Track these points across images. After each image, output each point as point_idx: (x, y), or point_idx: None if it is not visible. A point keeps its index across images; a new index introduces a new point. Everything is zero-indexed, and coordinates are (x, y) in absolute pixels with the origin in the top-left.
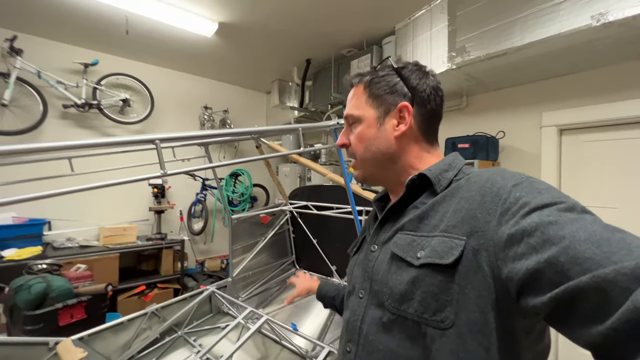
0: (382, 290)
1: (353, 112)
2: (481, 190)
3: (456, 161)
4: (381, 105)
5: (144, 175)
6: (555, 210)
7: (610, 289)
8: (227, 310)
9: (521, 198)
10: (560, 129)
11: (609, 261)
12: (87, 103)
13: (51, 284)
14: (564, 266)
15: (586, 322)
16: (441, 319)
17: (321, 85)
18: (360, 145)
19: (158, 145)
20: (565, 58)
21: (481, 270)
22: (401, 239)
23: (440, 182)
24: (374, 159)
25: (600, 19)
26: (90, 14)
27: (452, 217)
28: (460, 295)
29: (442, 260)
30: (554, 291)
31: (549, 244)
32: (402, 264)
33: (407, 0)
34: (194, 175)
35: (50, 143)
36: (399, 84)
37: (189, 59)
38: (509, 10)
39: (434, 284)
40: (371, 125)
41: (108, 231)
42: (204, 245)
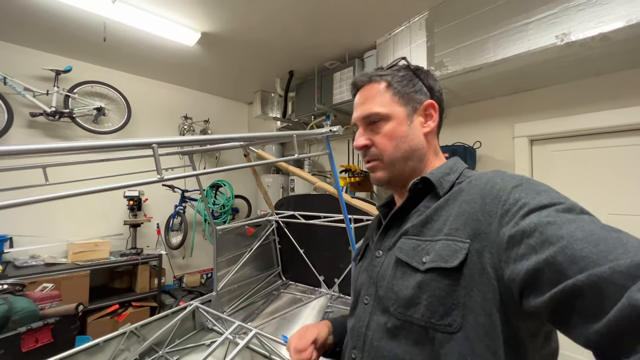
0: (388, 296)
1: (379, 110)
2: (482, 193)
3: (457, 165)
4: (409, 103)
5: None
6: (553, 211)
7: (606, 287)
8: (211, 326)
9: (521, 199)
10: (531, 139)
11: (605, 260)
12: (57, 111)
13: (13, 306)
14: (561, 265)
15: (584, 321)
16: (449, 322)
17: (304, 97)
18: (391, 144)
19: (155, 149)
20: (535, 73)
21: (486, 273)
22: (405, 244)
23: (442, 185)
24: (405, 158)
25: (564, 38)
26: (64, 20)
27: (455, 221)
28: (466, 299)
29: (447, 264)
30: (552, 290)
31: (547, 244)
32: (407, 269)
33: (387, 16)
34: (172, 187)
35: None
36: (418, 83)
37: (169, 68)
38: (483, 28)
39: (440, 288)
40: (402, 123)
41: (77, 247)
42: (183, 259)
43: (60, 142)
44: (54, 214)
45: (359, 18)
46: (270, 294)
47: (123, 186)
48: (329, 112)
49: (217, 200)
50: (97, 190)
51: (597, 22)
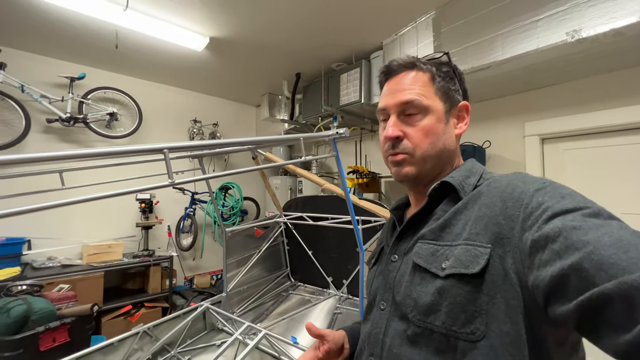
0: (406, 302)
1: (421, 99)
2: (502, 196)
3: (476, 167)
4: (448, 101)
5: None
6: (579, 216)
7: (637, 295)
8: (221, 327)
9: (544, 203)
10: (542, 138)
11: (636, 267)
12: (72, 117)
13: (32, 306)
14: (588, 272)
15: (613, 331)
16: (471, 330)
17: (311, 98)
18: (427, 140)
19: (166, 155)
20: (545, 71)
21: (509, 279)
22: (423, 248)
23: (464, 189)
24: (438, 156)
25: (574, 35)
26: (78, 29)
27: (475, 225)
28: (489, 306)
29: (468, 270)
30: (579, 298)
31: (572, 249)
32: (426, 275)
33: (393, 17)
34: (182, 189)
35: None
36: (457, 83)
37: (179, 72)
38: (491, 27)
39: (461, 294)
40: (440, 120)
41: (92, 249)
42: (193, 261)
43: (76, 149)
44: (69, 217)
45: (365, 19)
46: (279, 295)
47: (135, 190)
48: (336, 114)
49: (226, 202)
50: (110, 195)
51: (609, 18)
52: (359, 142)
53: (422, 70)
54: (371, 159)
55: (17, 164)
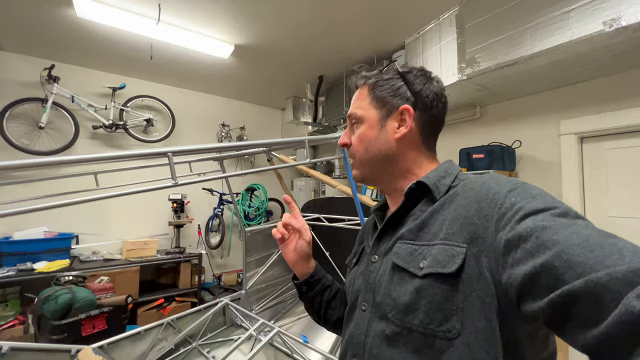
0: (385, 302)
1: (356, 111)
2: (477, 197)
3: (452, 168)
4: (384, 107)
5: (156, 185)
6: (549, 215)
7: (603, 293)
8: (240, 323)
9: (516, 203)
10: (581, 136)
11: (602, 265)
12: (114, 124)
13: (76, 295)
14: (558, 270)
15: (581, 327)
16: (448, 328)
17: (334, 100)
18: (361, 146)
19: (170, 158)
20: (581, 64)
21: (483, 277)
22: (401, 248)
23: (438, 189)
24: (373, 160)
25: (612, 24)
26: (119, 43)
27: (451, 225)
28: (465, 304)
29: (444, 269)
30: (550, 295)
31: (543, 248)
32: (404, 274)
33: (416, 15)
34: (211, 190)
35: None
36: (402, 87)
37: (207, 79)
38: (518, 20)
39: (438, 293)
40: (373, 127)
41: (130, 245)
42: (221, 259)
43: (88, 155)
44: (112, 215)
45: (387, 19)
46: None
47: (139, 191)
48: None
49: (252, 203)
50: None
51: None
52: None
53: (364, 85)
54: None
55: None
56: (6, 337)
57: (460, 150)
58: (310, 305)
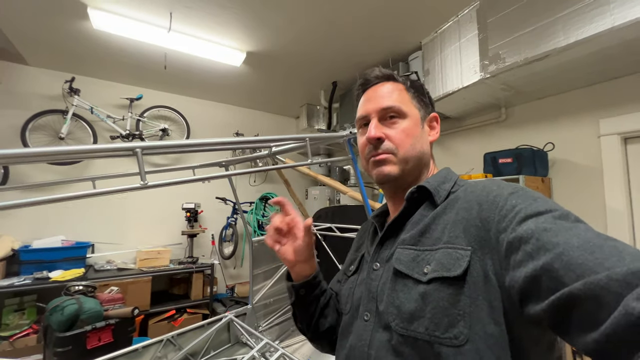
0: (388, 311)
1: (400, 105)
2: (478, 199)
3: (450, 174)
4: (422, 109)
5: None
6: (550, 218)
7: (602, 295)
8: (245, 341)
9: (517, 205)
10: (624, 137)
11: (602, 267)
12: (131, 134)
13: (83, 306)
14: (558, 272)
15: (582, 329)
16: (454, 335)
17: (348, 106)
18: (408, 141)
19: (138, 154)
20: (624, 56)
21: (489, 280)
22: (403, 254)
23: (439, 193)
24: (418, 158)
25: None
26: (134, 54)
27: (454, 228)
28: (472, 308)
29: (450, 273)
30: (550, 298)
31: (543, 250)
32: (408, 281)
33: (433, 13)
34: (224, 199)
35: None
36: (427, 96)
37: (220, 88)
38: (548, 10)
39: (443, 298)
40: (417, 124)
41: (144, 254)
42: (234, 269)
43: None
44: (127, 224)
45: (403, 19)
46: None
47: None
48: None
49: (267, 212)
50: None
51: None
52: None
53: (397, 81)
54: None
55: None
56: (20, 346)
57: (484, 154)
58: (304, 311)
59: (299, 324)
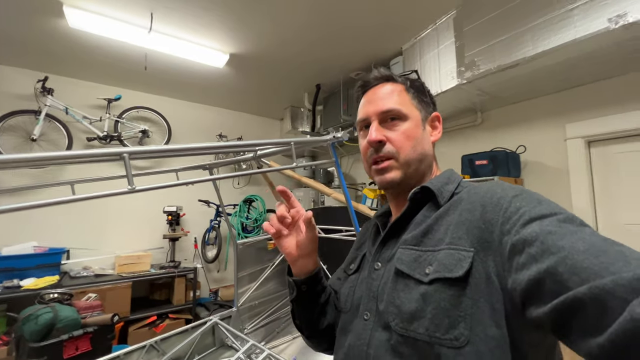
0: (388, 310)
1: (400, 107)
2: (482, 201)
3: (454, 176)
4: (422, 110)
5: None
6: (555, 221)
7: (608, 299)
8: (230, 344)
9: (521, 207)
10: (588, 140)
11: (607, 272)
12: (108, 135)
13: (59, 314)
14: (562, 276)
15: (586, 334)
16: (455, 336)
17: (331, 109)
18: (409, 143)
19: (126, 159)
20: (587, 65)
21: (492, 282)
22: (405, 254)
23: (443, 194)
24: (418, 160)
25: (618, 21)
26: (112, 54)
27: (457, 230)
28: (474, 310)
29: (452, 274)
30: (554, 301)
31: (548, 253)
32: (409, 281)
33: (412, 20)
34: (207, 202)
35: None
36: (428, 95)
37: (203, 89)
38: (519, 21)
39: (444, 299)
40: (418, 125)
41: (123, 259)
42: (218, 273)
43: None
44: (105, 229)
45: (383, 25)
46: None
47: (94, 196)
48: (356, 123)
49: (250, 215)
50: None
51: None
52: None
53: (396, 82)
54: None
55: None
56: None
57: (462, 156)
58: (304, 308)
59: (297, 320)
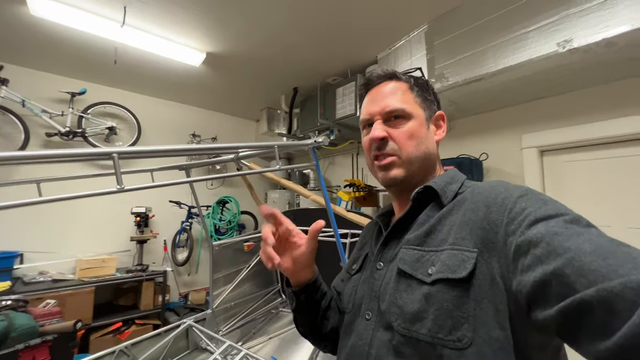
0: (391, 310)
1: (404, 106)
2: (486, 201)
3: (458, 175)
4: (427, 109)
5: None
6: (561, 222)
7: (616, 302)
8: (205, 346)
9: (527, 208)
10: (541, 150)
11: (616, 274)
12: (71, 131)
13: (13, 323)
14: (569, 278)
15: (593, 337)
16: (458, 337)
17: (308, 112)
18: (412, 142)
19: (115, 159)
20: (541, 82)
21: (496, 283)
22: (408, 254)
23: (446, 194)
24: (422, 159)
25: (565, 45)
26: (79, 46)
27: (460, 230)
28: (477, 311)
29: (455, 275)
30: (560, 304)
31: (554, 255)
32: (412, 281)
33: (387, 32)
34: (179, 203)
35: None
36: (432, 94)
37: (177, 87)
38: (483, 39)
39: (447, 300)
40: (422, 124)
41: (85, 263)
42: (188, 276)
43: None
44: (64, 231)
45: (359, 34)
46: (269, 313)
47: (81, 195)
48: (333, 127)
49: (224, 217)
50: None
51: (601, 27)
52: (355, 155)
53: (400, 80)
54: (368, 173)
55: None
56: None
57: None
58: (305, 316)
59: (300, 327)
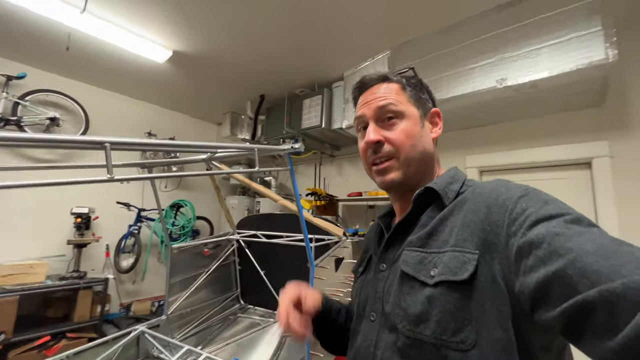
0: (395, 312)
1: (397, 106)
2: (487, 202)
3: (458, 174)
4: (420, 107)
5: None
6: (562, 222)
7: (619, 303)
8: (157, 354)
9: (528, 209)
10: (481, 170)
11: (618, 275)
12: (3, 118)
13: None
14: (572, 279)
15: (597, 338)
16: (461, 339)
17: (274, 120)
18: (408, 142)
19: (107, 149)
20: (484, 111)
21: (497, 285)
22: (410, 256)
23: (447, 195)
24: (420, 158)
25: (502, 82)
26: (24, 26)
27: (462, 231)
28: (479, 313)
29: (456, 277)
30: (563, 305)
31: (556, 255)
32: (415, 283)
33: (353, 53)
34: (128, 205)
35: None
36: (426, 92)
37: (136, 82)
38: (437, 69)
39: (450, 302)
40: (416, 123)
41: (7, 269)
42: (132, 284)
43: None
44: None
45: (329, 51)
46: (227, 319)
47: (70, 182)
48: (298, 136)
49: (177, 221)
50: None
51: (527, 71)
52: (318, 165)
53: (392, 81)
54: (329, 182)
55: None
56: None
57: None
58: (325, 335)
59: (324, 344)
